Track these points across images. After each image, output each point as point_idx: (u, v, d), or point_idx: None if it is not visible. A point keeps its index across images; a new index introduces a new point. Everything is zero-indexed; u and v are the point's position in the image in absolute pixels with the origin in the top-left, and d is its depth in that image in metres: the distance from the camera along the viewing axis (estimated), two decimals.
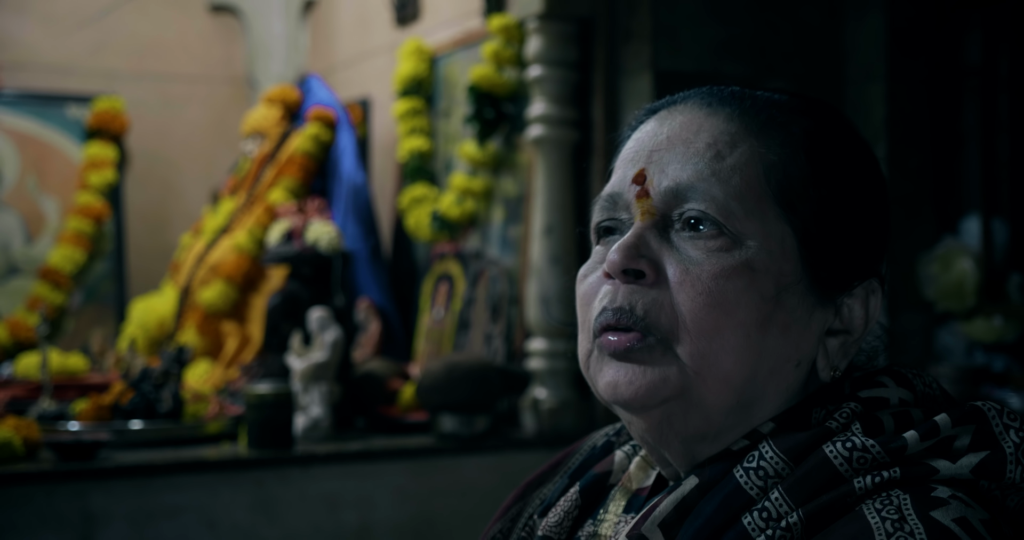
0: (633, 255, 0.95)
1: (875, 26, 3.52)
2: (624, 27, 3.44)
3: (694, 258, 0.94)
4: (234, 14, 5.53)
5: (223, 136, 5.39)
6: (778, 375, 0.95)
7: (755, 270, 0.93)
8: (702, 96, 1.01)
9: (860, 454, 0.88)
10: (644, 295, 0.94)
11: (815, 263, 0.96)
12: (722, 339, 0.93)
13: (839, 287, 0.97)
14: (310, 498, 3.05)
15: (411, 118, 4.26)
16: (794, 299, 0.95)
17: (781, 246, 0.95)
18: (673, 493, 0.93)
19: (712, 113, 0.99)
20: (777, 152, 0.97)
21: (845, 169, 0.99)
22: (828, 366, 0.97)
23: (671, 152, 0.97)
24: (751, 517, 0.88)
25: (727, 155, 0.96)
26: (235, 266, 4.24)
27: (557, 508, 1.07)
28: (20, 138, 4.81)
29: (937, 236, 3.54)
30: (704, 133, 0.97)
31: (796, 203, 0.96)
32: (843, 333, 0.98)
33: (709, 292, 0.93)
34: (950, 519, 0.83)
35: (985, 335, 3.39)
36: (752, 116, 0.98)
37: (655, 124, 1.01)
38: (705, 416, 0.95)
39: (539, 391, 3.41)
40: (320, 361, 3.20)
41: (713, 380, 0.93)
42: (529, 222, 3.64)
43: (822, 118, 1.00)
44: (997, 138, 3.61)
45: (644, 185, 0.97)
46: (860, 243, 0.99)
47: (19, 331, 4.49)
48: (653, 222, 0.96)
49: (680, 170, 0.96)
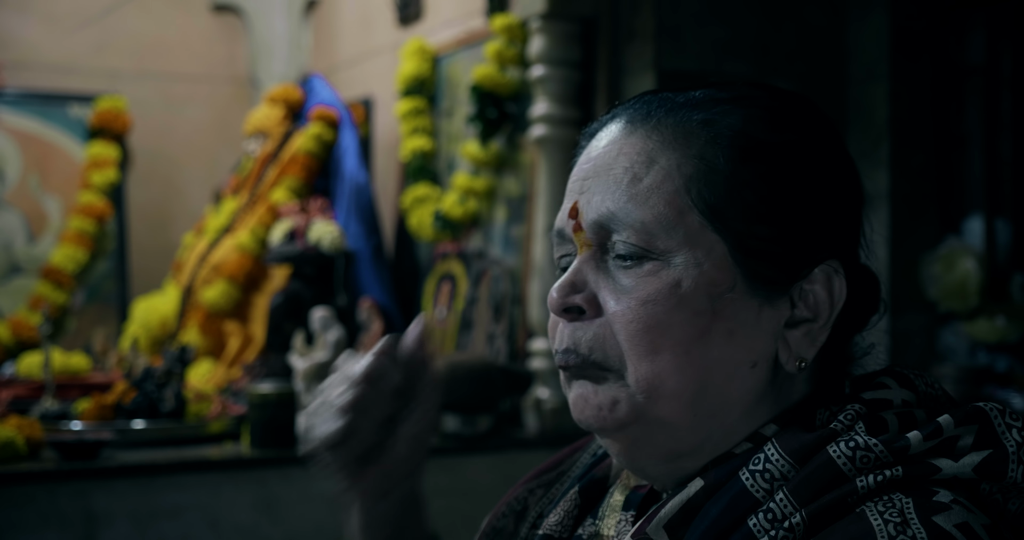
0: (567, 293, 0.97)
1: (878, 26, 3.52)
2: (627, 27, 3.44)
3: (626, 286, 0.95)
4: (236, 13, 5.53)
5: (225, 135, 5.40)
6: (735, 380, 0.95)
7: (683, 287, 0.93)
8: (627, 113, 1.00)
9: (864, 453, 0.88)
10: (586, 331, 0.96)
11: (752, 264, 0.94)
12: (662, 360, 0.93)
13: (788, 279, 0.95)
14: (313, 498, 3.05)
15: (414, 118, 4.26)
16: (734, 305, 0.94)
17: (709, 256, 0.93)
18: (678, 495, 0.93)
19: (631, 132, 0.98)
20: (695, 162, 0.94)
21: (780, 157, 0.95)
22: (792, 358, 0.96)
23: (596, 181, 0.98)
24: (756, 519, 0.88)
25: (643, 176, 0.95)
26: (238, 265, 4.24)
27: (558, 508, 1.08)
28: (22, 137, 4.81)
29: (940, 236, 3.54)
30: (622, 157, 0.97)
31: (722, 208, 0.94)
32: (806, 322, 0.96)
33: (639, 318, 0.93)
34: (952, 524, 0.83)
35: (988, 335, 3.39)
36: (669, 127, 0.96)
37: (588, 150, 1.02)
38: (670, 435, 0.95)
39: (542, 391, 3.41)
40: (323, 361, 3.20)
41: (663, 400, 0.94)
42: (532, 222, 3.64)
43: (752, 107, 0.97)
44: (1000, 138, 3.61)
45: (577, 219, 0.98)
46: (806, 231, 0.96)
47: (21, 330, 4.49)
48: (591, 254, 0.97)
49: (602, 201, 0.97)
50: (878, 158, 3.46)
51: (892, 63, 3.49)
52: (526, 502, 1.17)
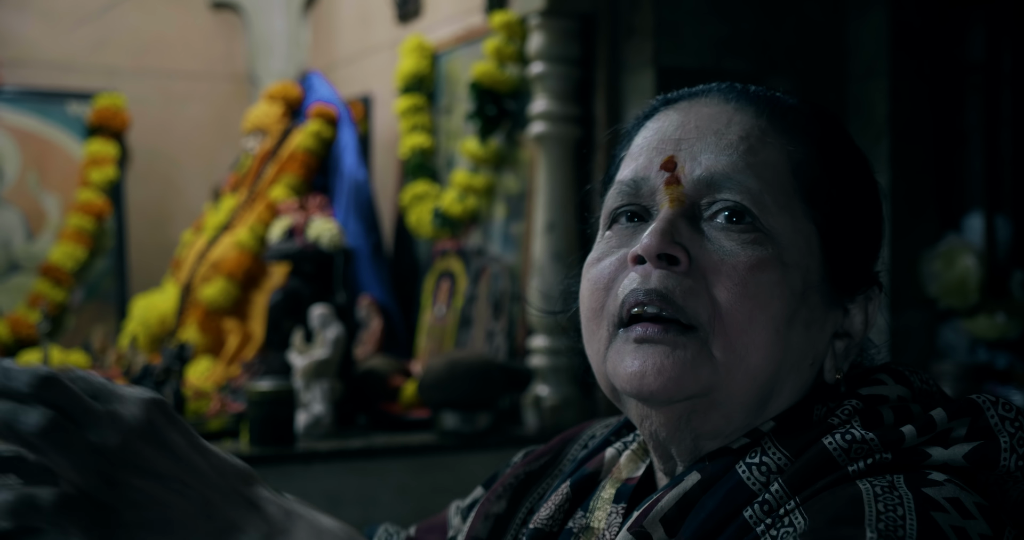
0: (668, 240, 0.92)
1: (877, 22, 3.51)
2: (626, 23, 3.44)
3: (728, 248, 0.93)
4: (235, 11, 5.52)
5: (224, 133, 5.39)
6: (795, 372, 0.96)
7: (787, 264, 0.93)
8: (725, 91, 1.01)
9: (859, 445, 0.88)
10: (680, 282, 0.92)
11: (834, 264, 0.97)
12: (754, 333, 0.92)
13: (849, 291, 0.99)
14: (312, 495, 3.04)
15: (413, 115, 4.25)
16: (816, 297, 0.95)
17: (807, 244, 0.95)
18: (675, 488, 0.93)
19: (740, 108, 0.98)
20: (803, 151, 0.97)
21: (853, 175, 1.00)
22: (834, 367, 0.98)
23: (702, 141, 0.96)
24: (752, 510, 0.89)
25: (759, 150, 0.95)
26: (236, 263, 4.24)
27: (549, 502, 1.08)
28: (21, 135, 4.80)
29: (940, 233, 3.54)
30: (735, 126, 0.97)
31: (819, 202, 0.96)
32: (846, 337, 0.99)
33: (745, 283, 0.91)
34: (942, 497, 0.83)
35: (988, 332, 3.39)
36: (778, 116, 0.98)
37: (679, 114, 1.00)
38: (725, 414, 0.95)
39: (541, 388, 3.40)
40: (322, 358, 3.20)
41: (741, 375, 0.93)
42: (531, 219, 3.64)
43: (831, 125, 1.01)
44: (1000, 134, 3.60)
45: (675, 172, 0.95)
46: (868, 247, 1.00)
47: (20, 328, 4.48)
48: (683, 210, 0.94)
49: (714, 160, 0.95)
50: (878, 155, 3.46)
51: (892, 59, 3.49)
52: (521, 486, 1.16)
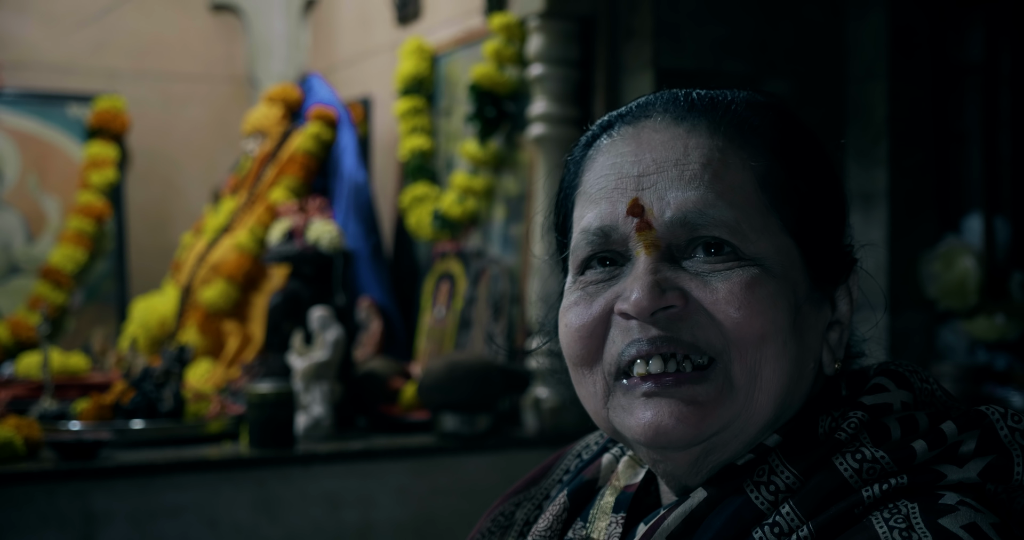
0: (658, 293, 0.90)
1: (876, 24, 3.51)
2: (625, 25, 3.44)
3: (718, 278, 0.90)
4: (235, 13, 5.53)
5: (224, 135, 5.39)
6: (802, 380, 0.95)
7: (777, 278, 0.92)
8: (668, 108, 0.95)
9: (870, 465, 0.87)
10: (682, 320, 0.90)
11: (813, 264, 0.95)
12: (766, 348, 0.90)
13: (833, 281, 0.97)
14: (311, 497, 3.04)
15: (412, 117, 4.26)
16: (807, 304, 0.94)
17: (789, 257, 0.94)
18: (681, 506, 0.92)
19: (693, 129, 0.93)
20: (759, 159, 0.94)
21: (809, 160, 0.97)
22: (832, 360, 0.97)
23: (663, 176, 0.92)
24: (762, 532, 0.87)
25: (724, 174, 0.92)
26: (236, 265, 4.24)
27: (546, 513, 1.06)
28: (21, 137, 4.80)
29: (939, 234, 3.54)
30: (694, 152, 0.92)
31: (789, 207, 0.94)
32: (837, 324, 0.98)
33: (748, 303, 0.90)
34: (959, 525, 0.82)
35: (987, 333, 3.39)
36: (728, 124, 0.94)
37: (629, 145, 0.94)
38: (745, 440, 0.93)
39: (540, 390, 3.40)
40: (321, 360, 3.20)
41: (762, 396, 0.91)
42: (531, 221, 3.64)
43: (783, 120, 0.97)
44: (999, 135, 3.61)
45: (643, 217, 0.91)
46: (839, 229, 0.98)
47: (20, 330, 4.49)
48: (661, 255, 0.91)
49: (682, 197, 0.91)
50: (877, 156, 3.46)
51: (891, 61, 3.49)
52: (512, 516, 1.13)
